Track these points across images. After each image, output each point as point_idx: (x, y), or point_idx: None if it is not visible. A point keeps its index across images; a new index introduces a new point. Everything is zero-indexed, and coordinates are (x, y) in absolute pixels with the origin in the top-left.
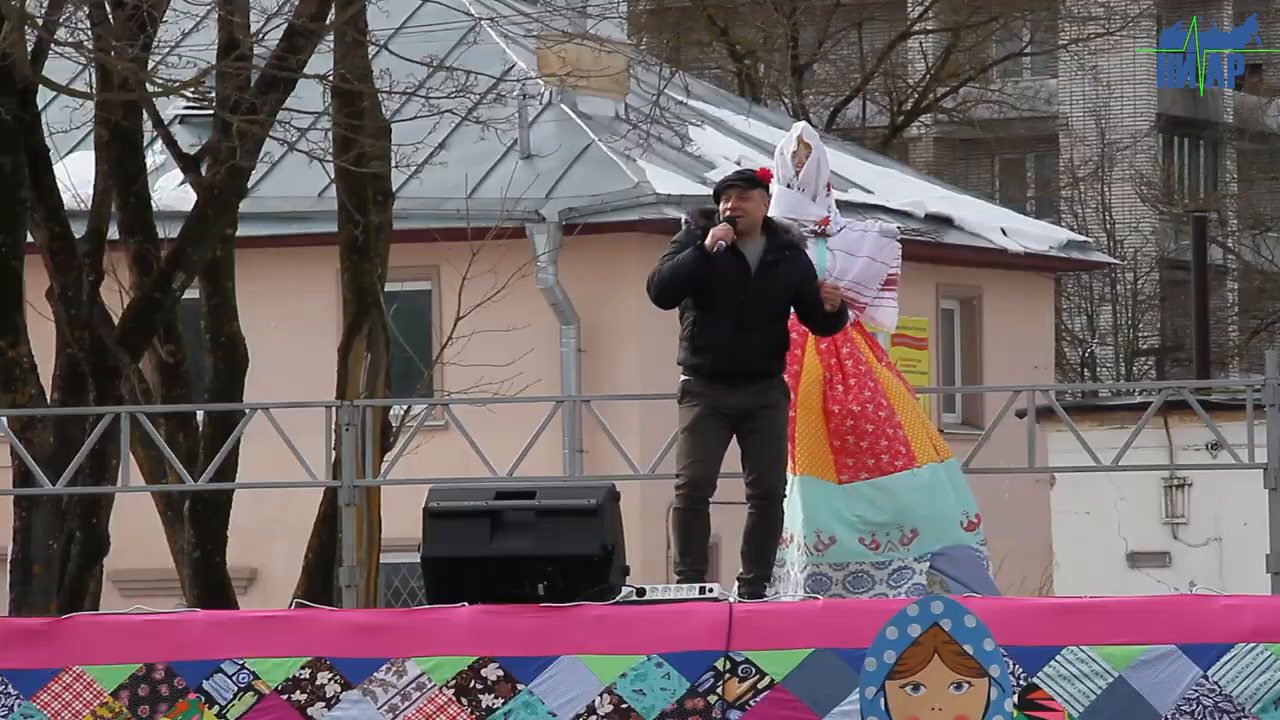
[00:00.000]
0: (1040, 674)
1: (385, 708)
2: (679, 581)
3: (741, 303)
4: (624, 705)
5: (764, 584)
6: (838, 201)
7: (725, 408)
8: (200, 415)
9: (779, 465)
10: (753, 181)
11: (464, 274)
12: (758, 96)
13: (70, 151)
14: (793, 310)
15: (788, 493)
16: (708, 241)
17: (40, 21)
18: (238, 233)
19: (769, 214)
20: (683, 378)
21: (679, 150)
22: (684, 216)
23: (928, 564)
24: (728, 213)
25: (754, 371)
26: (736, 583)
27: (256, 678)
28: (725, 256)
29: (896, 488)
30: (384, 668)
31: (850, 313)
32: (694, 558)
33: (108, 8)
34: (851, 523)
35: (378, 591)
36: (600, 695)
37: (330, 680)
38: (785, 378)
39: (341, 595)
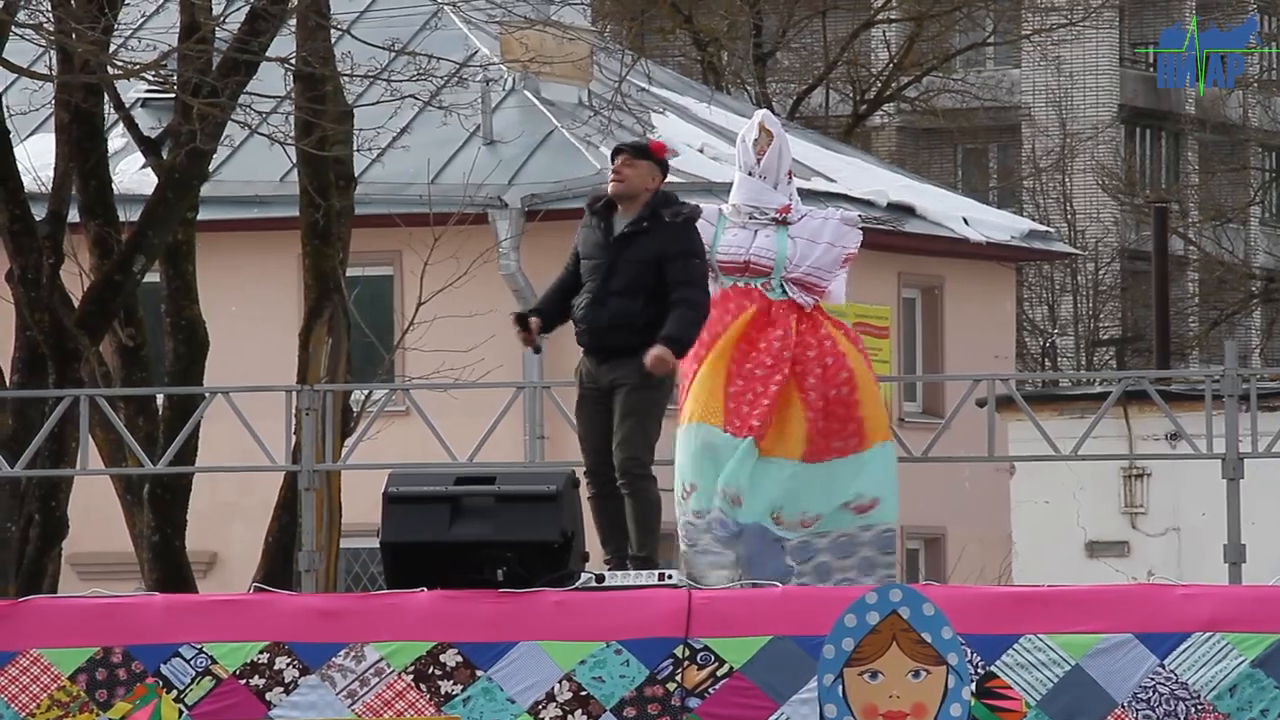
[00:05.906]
0: (998, 662)
1: (343, 693)
2: (610, 568)
3: (600, 275)
4: (583, 692)
5: (654, 555)
6: (799, 190)
7: (595, 382)
8: (160, 399)
9: (629, 444)
10: (642, 152)
11: (426, 259)
12: (720, 84)
13: (31, 134)
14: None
15: (677, 438)
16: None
17: (0, 3)
18: (198, 216)
19: (732, 200)
20: None
21: (641, 137)
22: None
23: (826, 540)
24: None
25: (606, 347)
26: (629, 561)
27: (214, 662)
28: (596, 227)
29: (818, 474)
30: (342, 653)
31: (810, 298)
32: (616, 543)
33: None
34: (766, 492)
35: (337, 576)
36: (559, 682)
37: (289, 665)
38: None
39: (300, 580)
